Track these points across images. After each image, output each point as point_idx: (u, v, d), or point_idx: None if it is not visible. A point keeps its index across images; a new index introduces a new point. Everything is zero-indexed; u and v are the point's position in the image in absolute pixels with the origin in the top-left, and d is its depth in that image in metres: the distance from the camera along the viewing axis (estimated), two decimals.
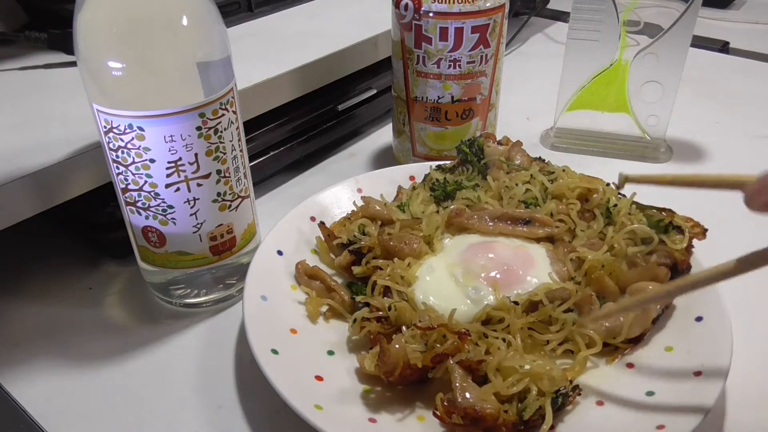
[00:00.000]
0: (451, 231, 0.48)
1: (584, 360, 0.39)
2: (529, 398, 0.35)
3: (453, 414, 0.34)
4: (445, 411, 0.35)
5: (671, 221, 0.43)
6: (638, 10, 0.59)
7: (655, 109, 0.62)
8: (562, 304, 0.40)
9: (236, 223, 0.45)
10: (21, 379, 0.42)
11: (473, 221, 0.47)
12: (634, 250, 0.43)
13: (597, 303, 0.41)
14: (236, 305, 0.48)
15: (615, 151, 0.65)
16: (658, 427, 0.33)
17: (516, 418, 0.34)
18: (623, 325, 0.39)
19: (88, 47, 0.36)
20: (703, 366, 0.36)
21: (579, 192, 0.48)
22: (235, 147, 0.42)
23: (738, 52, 0.89)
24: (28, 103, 0.52)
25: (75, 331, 0.46)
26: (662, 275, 0.41)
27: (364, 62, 0.66)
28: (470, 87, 0.56)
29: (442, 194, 0.51)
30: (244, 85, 0.54)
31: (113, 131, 0.38)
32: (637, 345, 0.40)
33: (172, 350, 0.44)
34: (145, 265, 0.45)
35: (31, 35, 0.60)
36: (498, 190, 0.49)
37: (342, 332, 0.43)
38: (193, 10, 0.37)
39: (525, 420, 0.34)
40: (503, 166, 0.51)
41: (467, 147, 0.53)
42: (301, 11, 0.74)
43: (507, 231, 0.46)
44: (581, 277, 0.43)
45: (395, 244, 0.44)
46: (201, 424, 0.39)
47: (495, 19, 0.53)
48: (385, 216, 0.48)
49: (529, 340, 0.40)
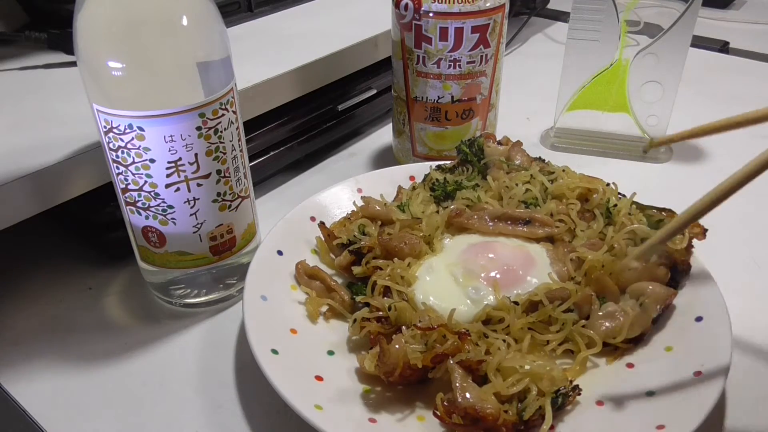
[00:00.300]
0: (451, 231, 0.48)
1: (584, 360, 0.39)
2: (529, 398, 0.35)
3: (453, 414, 0.34)
4: (446, 411, 0.35)
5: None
6: (638, 10, 0.59)
7: (655, 109, 0.62)
8: (562, 304, 0.40)
9: (236, 223, 0.45)
10: (21, 379, 0.42)
11: (473, 221, 0.47)
12: (634, 250, 0.43)
13: (597, 303, 0.41)
14: (236, 305, 0.48)
15: (615, 151, 0.65)
16: (658, 427, 0.33)
17: (516, 418, 0.34)
18: (623, 325, 0.39)
19: (88, 47, 0.36)
20: (703, 366, 0.36)
21: (579, 192, 0.48)
22: (235, 147, 0.42)
23: (738, 52, 0.89)
24: (28, 103, 0.52)
25: (75, 331, 0.46)
26: (662, 275, 0.41)
27: (364, 62, 0.66)
28: (470, 87, 0.56)
29: (442, 194, 0.51)
30: (244, 85, 0.54)
31: (113, 131, 0.38)
32: (637, 345, 0.40)
33: (172, 350, 0.44)
34: (145, 265, 0.45)
35: (31, 35, 0.60)
36: (498, 190, 0.49)
37: (342, 332, 0.43)
38: (193, 10, 0.37)
39: (525, 420, 0.34)
40: (503, 166, 0.51)
41: (467, 147, 0.53)
42: (301, 11, 0.74)
43: (507, 231, 0.46)
44: (581, 277, 0.43)
45: (395, 244, 0.44)
46: (201, 424, 0.39)
47: (495, 19, 0.53)
48: (385, 216, 0.48)
49: (529, 341, 0.40)
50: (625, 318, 0.40)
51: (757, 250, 0.52)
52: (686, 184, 0.43)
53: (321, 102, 0.63)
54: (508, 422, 0.34)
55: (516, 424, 0.34)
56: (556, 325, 0.40)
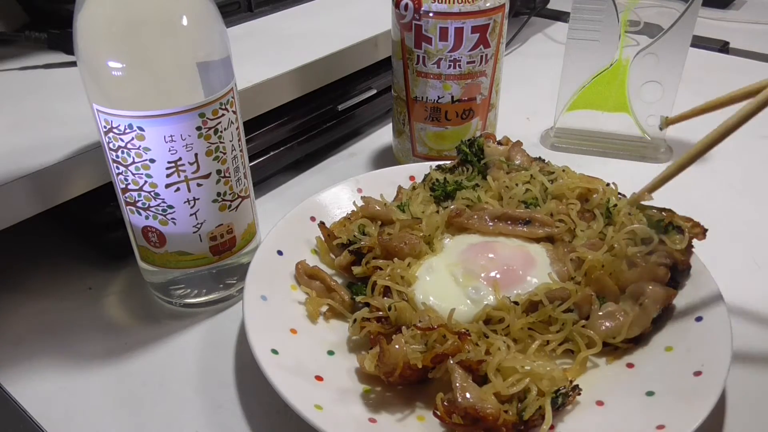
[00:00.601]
0: (451, 231, 0.48)
1: (584, 360, 0.39)
2: (528, 398, 0.35)
3: (453, 414, 0.34)
4: (446, 411, 0.35)
5: (671, 221, 0.43)
6: (638, 10, 0.59)
7: (655, 109, 0.62)
8: (562, 304, 0.40)
9: (236, 223, 0.45)
10: (21, 379, 0.42)
11: (473, 221, 0.47)
12: (634, 250, 0.43)
13: (597, 303, 0.41)
14: (236, 305, 0.48)
15: (615, 151, 0.65)
16: (658, 427, 0.33)
17: (516, 418, 0.34)
18: (623, 325, 0.39)
19: (88, 47, 0.36)
20: (703, 366, 0.36)
21: (579, 192, 0.48)
22: (235, 147, 0.42)
23: (738, 52, 0.89)
24: (28, 103, 0.52)
25: (75, 331, 0.46)
26: (662, 275, 0.41)
27: (364, 62, 0.66)
28: (470, 87, 0.56)
29: (442, 194, 0.51)
30: (244, 85, 0.54)
31: (113, 131, 0.38)
32: (638, 345, 0.40)
33: (172, 350, 0.44)
34: (145, 265, 0.45)
35: (31, 35, 0.60)
36: (498, 190, 0.49)
37: (342, 332, 0.43)
38: (193, 10, 0.37)
39: (525, 420, 0.34)
40: (503, 166, 0.51)
41: (467, 147, 0.53)
42: (301, 11, 0.74)
43: (507, 231, 0.46)
44: (581, 277, 0.43)
45: (395, 244, 0.44)
46: (201, 424, 0.39)
47: (495, 19, 0.53)
48: (384, 216, 0.48)
49: (528, 340, 0.40)
50: (625, 318, 0.40)
51: (757, 250, 0.52)
52: (686, 184, 0.43)
53: (321, 102, 0.63)
54: (508, 422, 0.34)
55: (516, 424, 0.34)
56: (556, 325, 0.40)
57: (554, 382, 0.35)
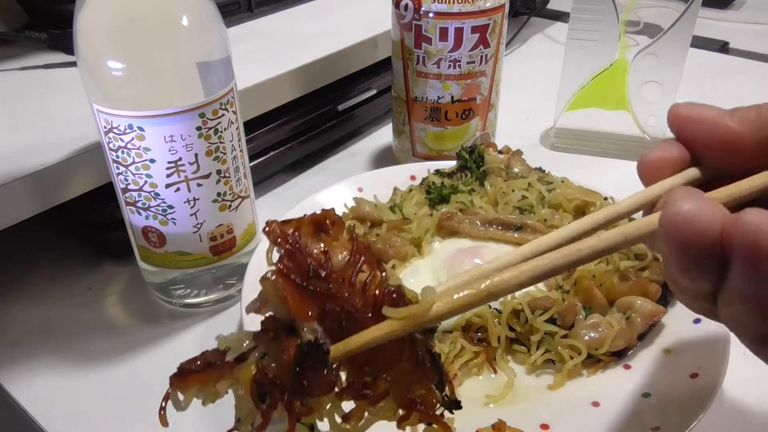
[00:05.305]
0: (441, 234, 0.47)
1: (567, 372, 0.39)
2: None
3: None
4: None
5: None
6: (638, 10, 0.59)
7: (655, 109, 0.62)
8: (543, 313, 0.40)
9: (236, 223, 0.45)
10: (21, 379, 0.42)
11: (464, 225, 0.47)
12: (627, 264, 0.42)
13: (582, 313, 0.40)
14: (236, 305, 0.48)
15: (615, 151, 0.65)
16: (653, 428, 0.33)
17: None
18: (607, 337, 0.39)
19: (88, 47, 0.36)
20: (700, 368, 0.36)
21: (576, 204, 0.47)
22: (235, 147, 0.42)
23: (738, 52, 0.89)
24: (28, 103, 0.52)
25: (75, 331, 0.46)
26: (653, 291, 0.41)
27: (364, 62, 0.66)
28: (470, 87, 0.56)
29: (438, 197, 0.51)
30: (244, 85, 0.54)
31: (113, 131, 0.38)
32: (620, 359, 0.40)
33: (172, 350, 0.44)
34: (145, 265, 0.45)
35: (31, 35, 0.60)
36: (494, 195, 0.49)
37: None
38: (193, 10, 0.37)
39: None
40: (502, 174, 0.51)
41: (467, 154, 0.53)
42: (301, 11, 0.74)
43: (498, 236, 0.46)
44: (570, 286, 0.42)
45: (379, 246, 0.44)
46: (201, 424, 0.39)
47: (495, 19, 0.53)
48: (375, 217, 0.48)
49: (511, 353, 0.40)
50: (609, 330, 0.39)
51: None
52: None
53: (321, 102, 0.63)
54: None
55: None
56: (537, 334, 0.40)
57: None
